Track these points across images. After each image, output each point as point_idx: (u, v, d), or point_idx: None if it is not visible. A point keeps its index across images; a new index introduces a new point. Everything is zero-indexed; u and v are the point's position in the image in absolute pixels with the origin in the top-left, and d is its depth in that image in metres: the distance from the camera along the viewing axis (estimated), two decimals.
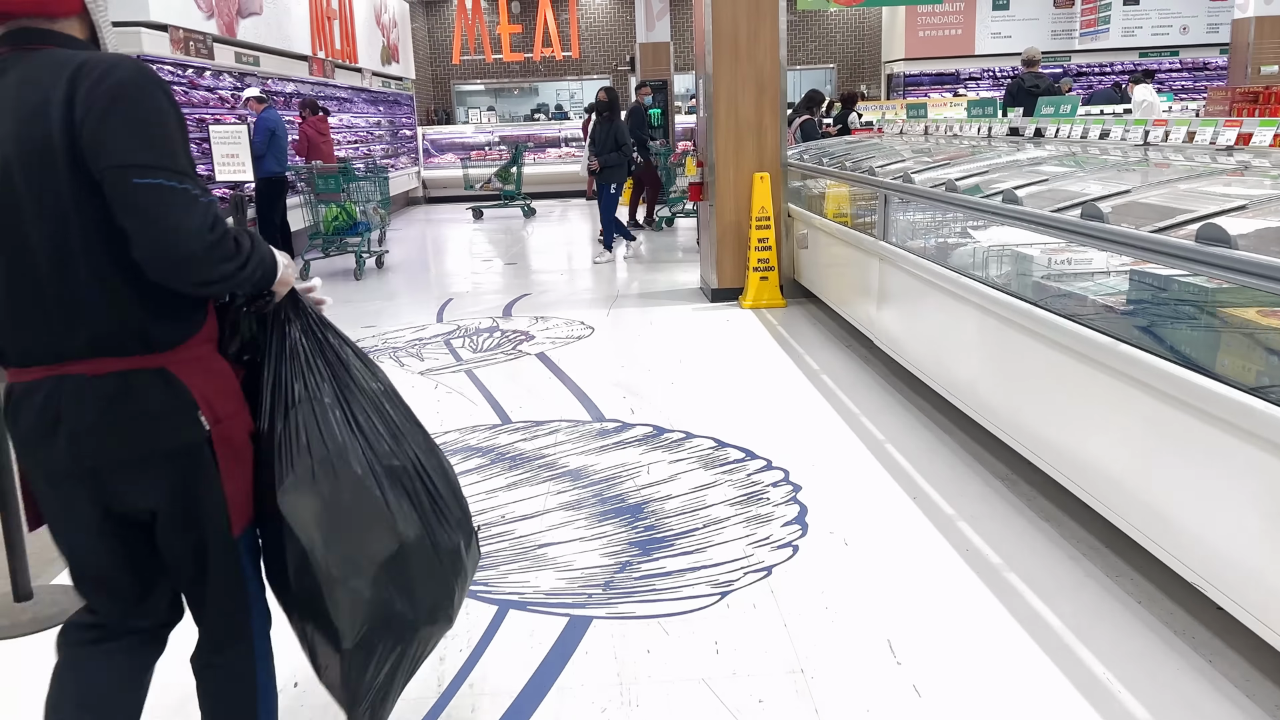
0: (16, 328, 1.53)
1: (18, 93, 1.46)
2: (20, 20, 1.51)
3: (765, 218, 6.77)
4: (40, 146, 1.44)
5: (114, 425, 1.53)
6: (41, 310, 1.51)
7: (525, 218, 14.16)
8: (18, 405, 1.56)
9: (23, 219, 1.48)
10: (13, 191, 1.47)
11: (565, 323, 6.60)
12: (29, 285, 1.51)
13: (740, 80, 6.80)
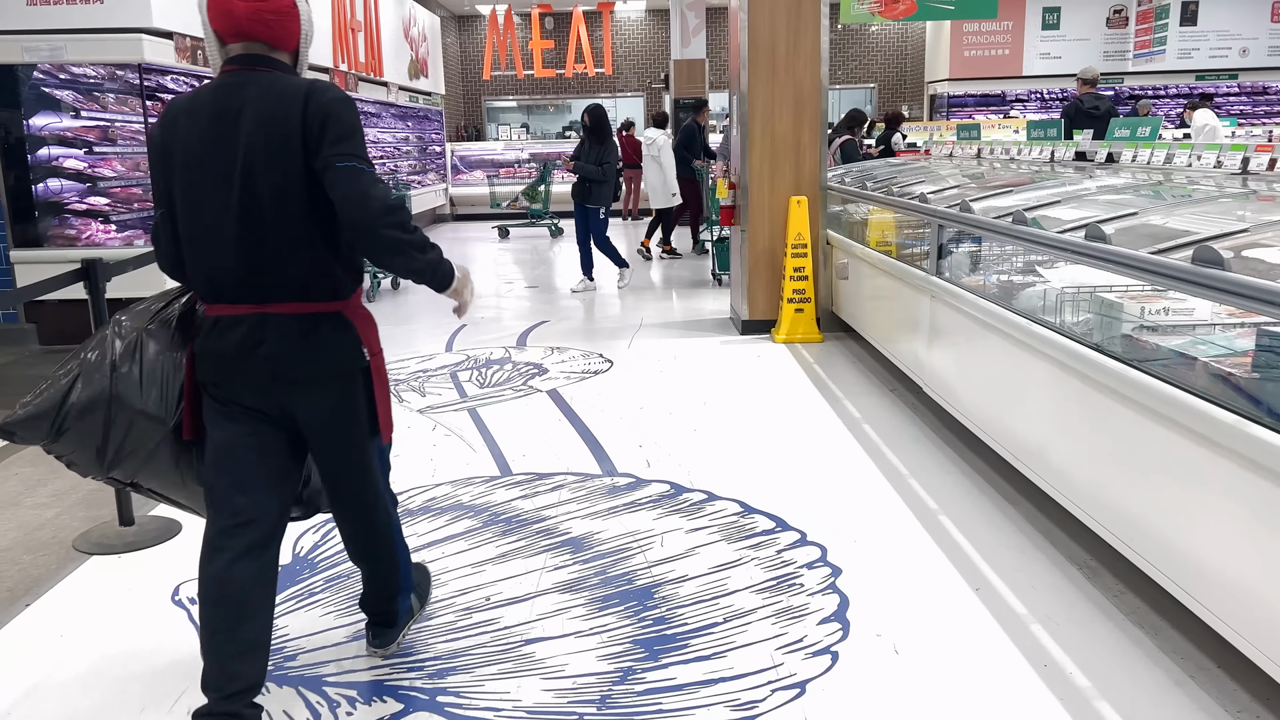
0: (235, 273, 2.03)
1: (262, 101, 2.01)
2: (255, 46, 2.07)
3: (802, 245, 6.25)
4: (281, 140, 1.99)
5: (304, 351, 2.07)
6: (259, 263, 2.03)
7: (552, 237, 13.74)
8: (222, 331, 2.07)
9: (259, 194, 2.00)
10: (253, 175, 2.00)
11: (583, 355, 6.11)
12: (253, 242, 2.02)
13: (777, 96, 6.30)
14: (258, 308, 2.06)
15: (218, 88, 2.06)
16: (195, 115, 2.04)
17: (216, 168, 2.01)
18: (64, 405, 2.10)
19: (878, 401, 4.90)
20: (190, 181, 2.04)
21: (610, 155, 8.40)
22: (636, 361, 5.91)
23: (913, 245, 5.23)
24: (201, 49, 7.25)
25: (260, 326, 2.05)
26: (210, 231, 2.04)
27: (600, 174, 8.35)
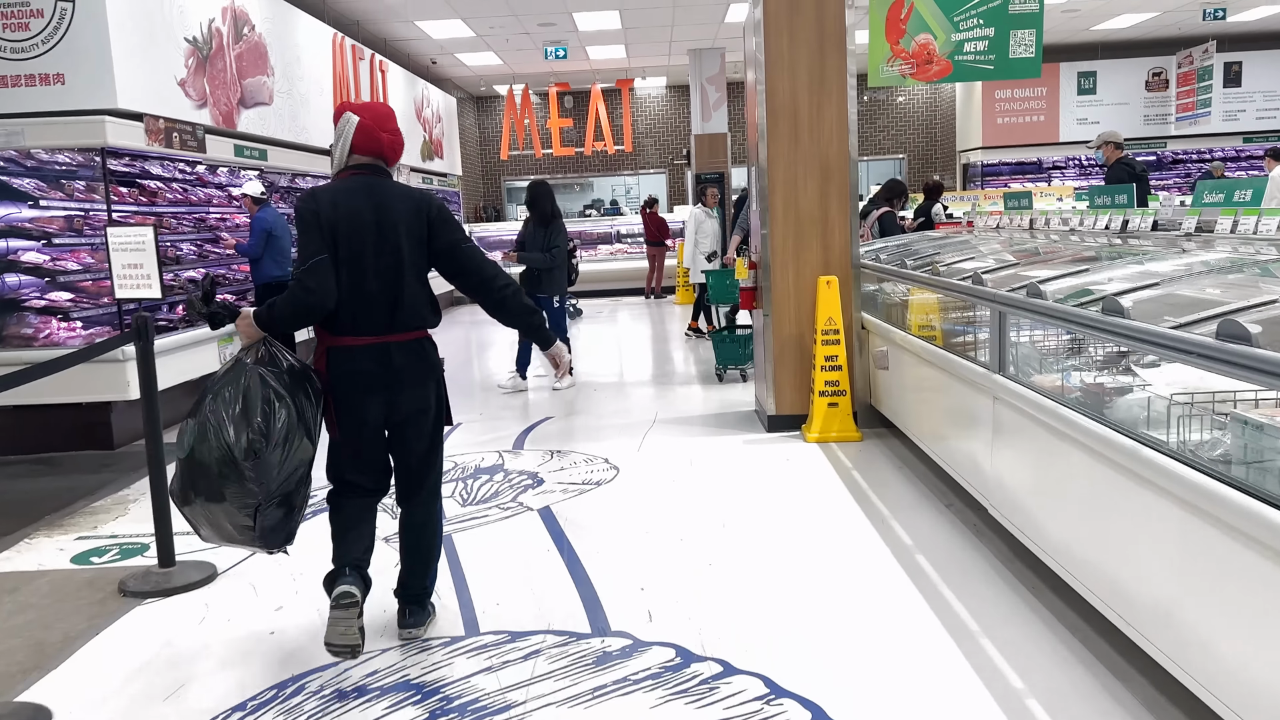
0: (362, 314, 2.90)
1: (402, 201, 2.96)
2: (379, 160, 3.02)
3: (833, 331, 5.50)
4: (419, 229, 2.96)
5: (417, 364, 3.01)
6: (381, 307, 2.92)
7: (570, 319, 13.10)
8: (355, 356, 2.92)
9: (404, 264, 2.94)
10: (398, 248, 2.93)
11: (586, 460, 5.35)
12: (380, 292, 2.91)
13: (801, 165, 5.63)
14: (379, 338, 2.93)
15: (366, 184, 2.95)
16: (353, 202, 2.90)
17: (376, 243, 2.90)
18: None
19: (931, 521, 4.07)
20: (354, 250, 2.88)
21: (558, 237, 7.39)
22: (647, 468, 5.14)
23: (963, 331, 4.47)
24: (179, 131, 6.77)
25: (386, 349, 2.94)
26: (361, 286, 2.89)
27: (549, 260, 7.35)
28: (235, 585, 3.77)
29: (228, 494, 2.77)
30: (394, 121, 3.07)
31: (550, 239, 7.34)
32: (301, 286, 2.81)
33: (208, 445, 2.75)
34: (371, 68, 11.49)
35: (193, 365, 6.84)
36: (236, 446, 2.73)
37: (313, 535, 3.76)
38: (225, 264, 8.15)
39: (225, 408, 2.77)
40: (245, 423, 2.75)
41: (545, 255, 7.32)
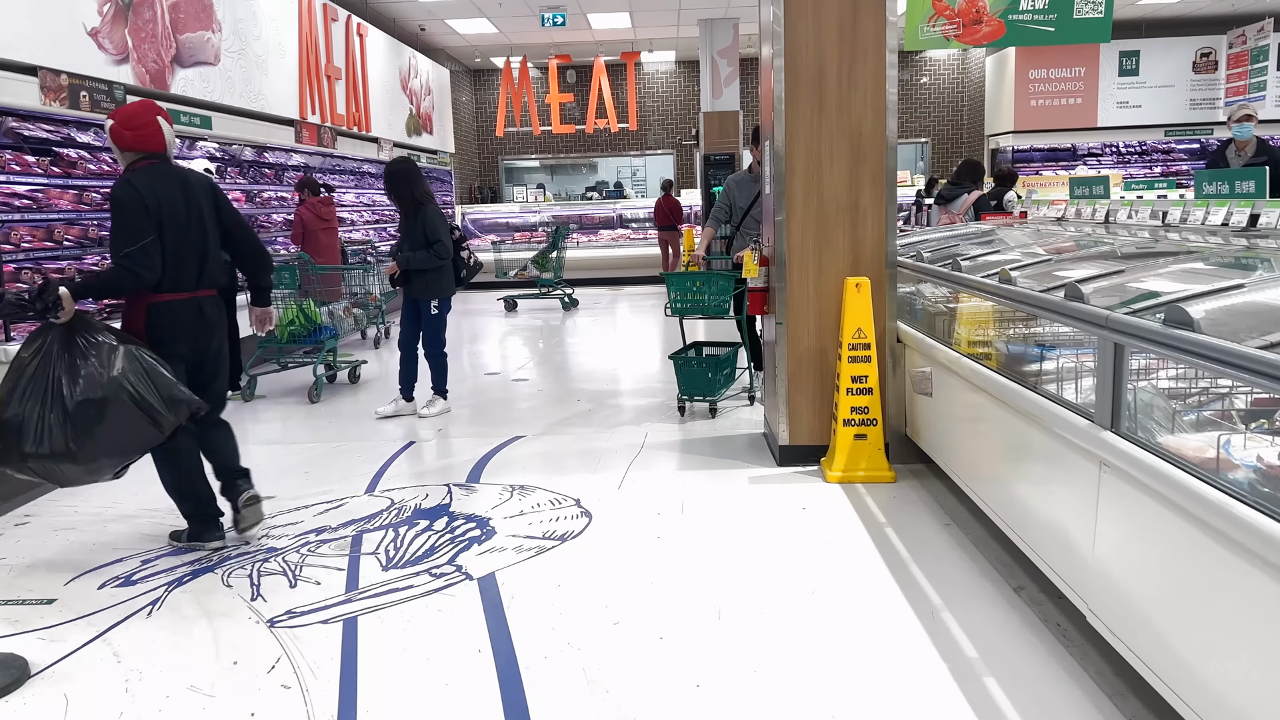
0: (180, 276, 3.64)
1: (191, 183, 3.73)
2: (159, 152, 3.71)
3: (863, 345, 4.44)
4: (206, 205, 3.74)
5: (218, 314, 3.83)
6: (193, 270, 3.68)
7: (564, 310, 12.08)
8: (174, 309, 3.66)
9: (200, 232, 3.69)
10: (203, 222, 3.70)
11: (552, 501, 4.31)
12: (193, 258, 3.68)
13: (827, 142, 4.56)
14: (194, 293, 3.72)
15: (164, 172, 3.68)
16: (167, 187, 3.64)
17: (187, 220, 3.67)
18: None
19: (1000, 619, 3.02)
20: (175, 227, 3.62)
21: (439, 228, 5.83)
22: (626, 515, 4.10)
23: (1040, 354, 3.41)
24: (90, 90, 5.72)
25: (199, 302, 3.75)
26: (180, 254, 3.64)
27: (433, 259, 5.83)
28: (48, 695, 2.75)
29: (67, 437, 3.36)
30: (142, 118, 3.67)
31: (430, 229, 5.82)
32: (135, 264, 3.51)
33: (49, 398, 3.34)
34: (348, 31, 10.41)
35: None
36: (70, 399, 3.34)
37: (153, 638, 2.73)
38: None
39: (53, 365, 3.37)
40: (70, 374, 3.36)
41: (428, 253, 5.82)
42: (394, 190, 5.94)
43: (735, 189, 6.23)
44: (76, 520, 4.27)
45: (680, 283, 5.82)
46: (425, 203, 5.92)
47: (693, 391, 5.86)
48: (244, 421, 6.22)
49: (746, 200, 6.15)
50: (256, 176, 8.94)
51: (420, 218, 5.86)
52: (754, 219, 6.07)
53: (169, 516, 4.25)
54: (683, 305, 5.82)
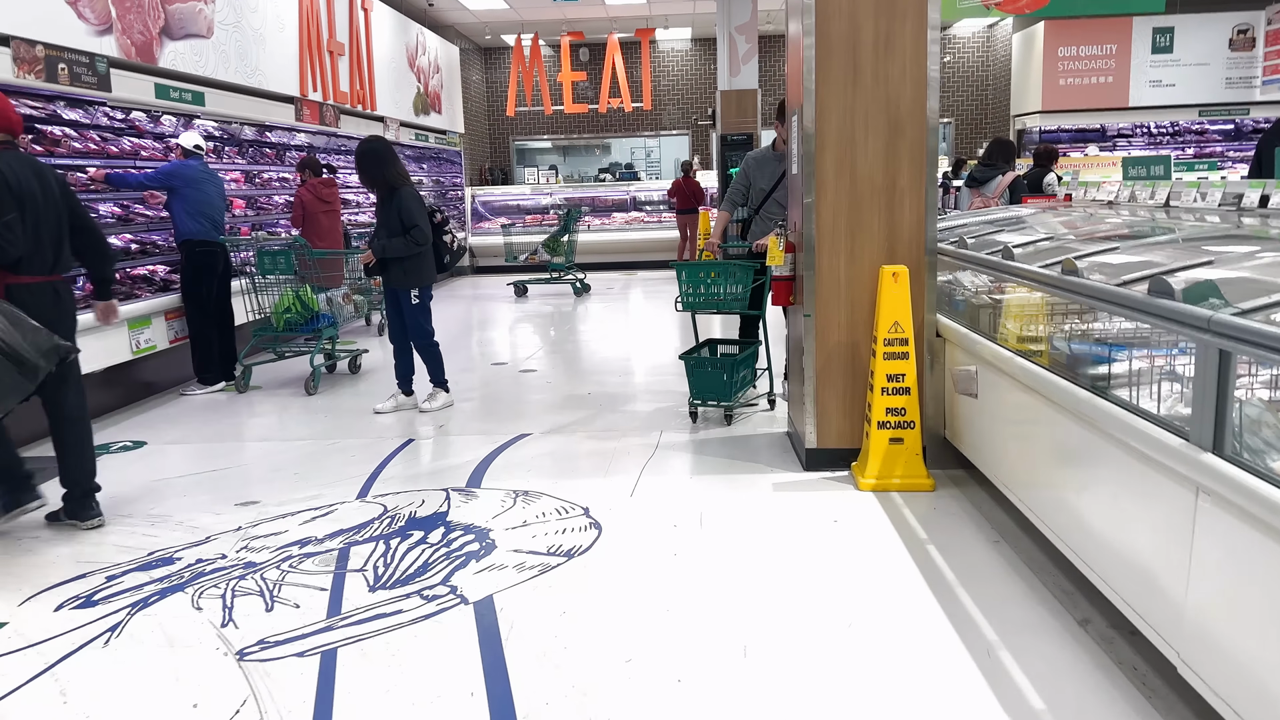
0: (37, 258, 3.70)
1: (42, 168, 3.78)
2: (9, 137, 3.78)
3: (900, 340, 4.05)
4: (58, 190, 3.81)
5: (70, 296, 3.91)
6: (49, 253, 3.74)
7: (576, 296, 11.70)
8: (31, 290, 3.71)
9: (55, 216, 3.77)
10: (57, 205, 3.77)
11: (559, 510, 3.95)
12: (49, 242, 3.74)
13: (861, 115, 4.15)
14: (49, 278, 3.78)
15: (17, 156, 3.75)
16: (23, 169, 3.69)
17: (44, 203, 3.72)
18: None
19: (1066, 658, 2.64)
20: (34, 208, 3.68)
21: (414, 212, 5.40)
22: (639, 526, 3.74)
23: (1104, 353, 3.02)
24: (70, 63, 5.36)
25: (53, 285, 3.81)
26: (38, 236, 3.68)
27: (411, 246, 5.43)
28: None
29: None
30: (3, 100, 3.77)
31: (406, 213, 5.40)
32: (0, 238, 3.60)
33: None
34: (351, 5, 10.01)
35: (86, 355, 5.48)
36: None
37: (107, 673, 2.39)
38: (160, 229, 6.76)
39: None
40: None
41: (405, 239, 5.40)
42: (365, 172, 5.47)
43: (755, 168, 5.55)
44: (43, 528, 3.93)
45: (693, 274, 5.19)
46: (400, 185, 5.46)
47: (706, 396, 5.24)
48: (237, 415, 5.89)
49: (768, 181, 5.47)
50: (256, 156, 8.59)
51: (395, 201, 5.42)
52: (777, 202, 5.44)
53: (142, 524, 3.92)
54: (695, 299, 5.21)
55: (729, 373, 5.18)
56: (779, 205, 5.41)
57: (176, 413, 5.97)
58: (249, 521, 3.92)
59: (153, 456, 4.99)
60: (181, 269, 6.43)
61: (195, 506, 4.14)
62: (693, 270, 5.21)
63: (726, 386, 5.18)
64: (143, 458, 4.97)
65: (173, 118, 7.23)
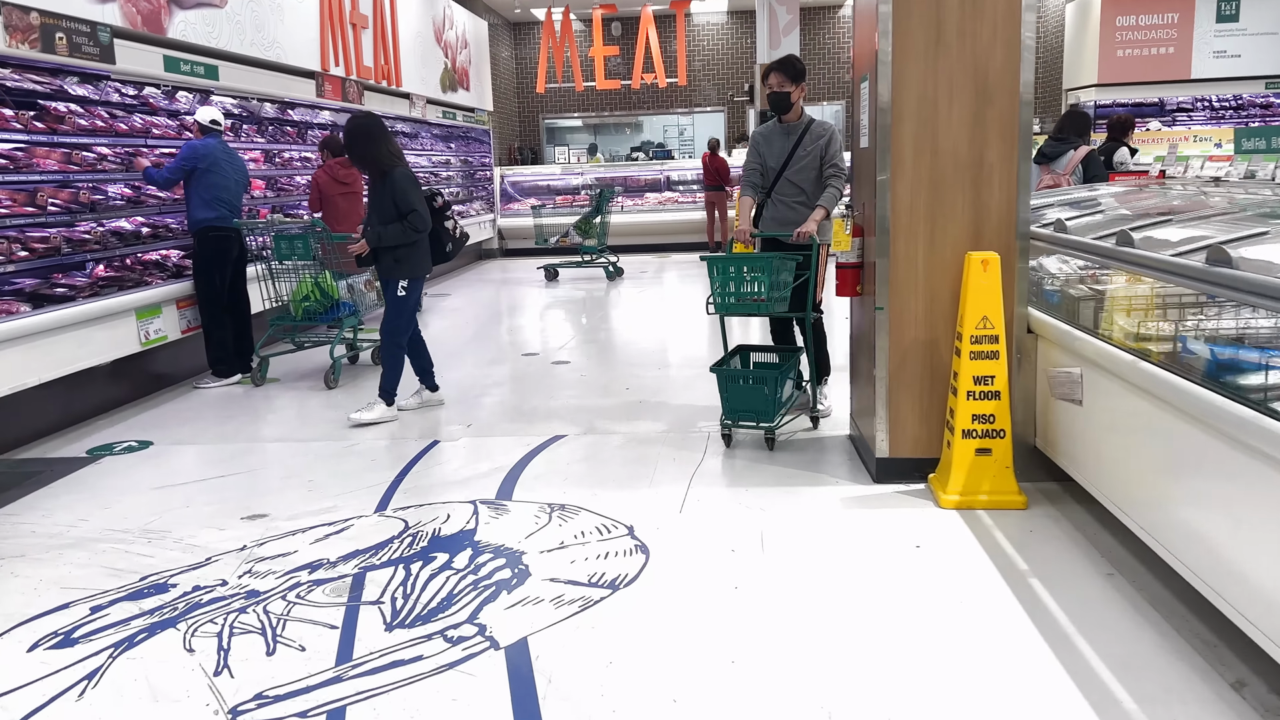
0: None
1: None
2: None
3: (990, 337, 3.55)
4: None
5: None
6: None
7: (609, 280, 11.24)
8: None
9: None
10: None
11: (600, 528, 3.51)
12: None
13: (944, 80, 3.64)
14: None
15: None
16: None
17: None
18: None
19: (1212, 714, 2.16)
20: None
21: (411, 196, 4.87)
22: (691, 549, 3.28)
23: (1257, 359, 2.51)
24: (64, 31, 4.96)
25: None
26: None
27: (408, 232, 4.90)
28: None
29: None
30: None
31: (399, 199, 4.86)
32: None
33: None
34: None
35: (90, 348, 5.12)
36: None
37: None
38: (173, 212, 6.37)
39: None
40: None
41: (401, 226, 4.89)
42: (354, 152, 4.93)
43: (763, 144, 4.76)
44: (30, 544, 3.55)
45: (724, 270, 4.31)
46: (393, 166, 4.91)
47: (743, 416, 4.38)
48: (251, 411, 5.49)
49: (778, 158, 4.69)
50: (277, 135, 8.18)
51: (388, 184, 4.88)
52: (790, 182, 4.65)
53: (138, 541, 3.52)
54: (729, 301, 4.34)
55: (773, 387, 4.29)
56: (793, 185, 4.65)
57: (187, 408, 5.59)
58: (255, 539, 3.51)
59: (157, 459, 4.61)
60: (194, 255, 6.04)
61: (198, 520, 3.74)
62: (724, 265, 4.32)
63: (770, 404, 4.29)
64: (146, 460, 4.59)
65: (188, 94, 6.83)
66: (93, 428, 5.18)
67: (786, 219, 4.67)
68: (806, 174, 4.63)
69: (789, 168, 4.67)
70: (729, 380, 4.39)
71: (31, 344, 4.70)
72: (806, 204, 4.63)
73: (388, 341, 5.10)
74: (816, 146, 4.60)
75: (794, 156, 4.66)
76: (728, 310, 4.39)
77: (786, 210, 4.69)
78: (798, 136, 4.65)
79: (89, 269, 5.74)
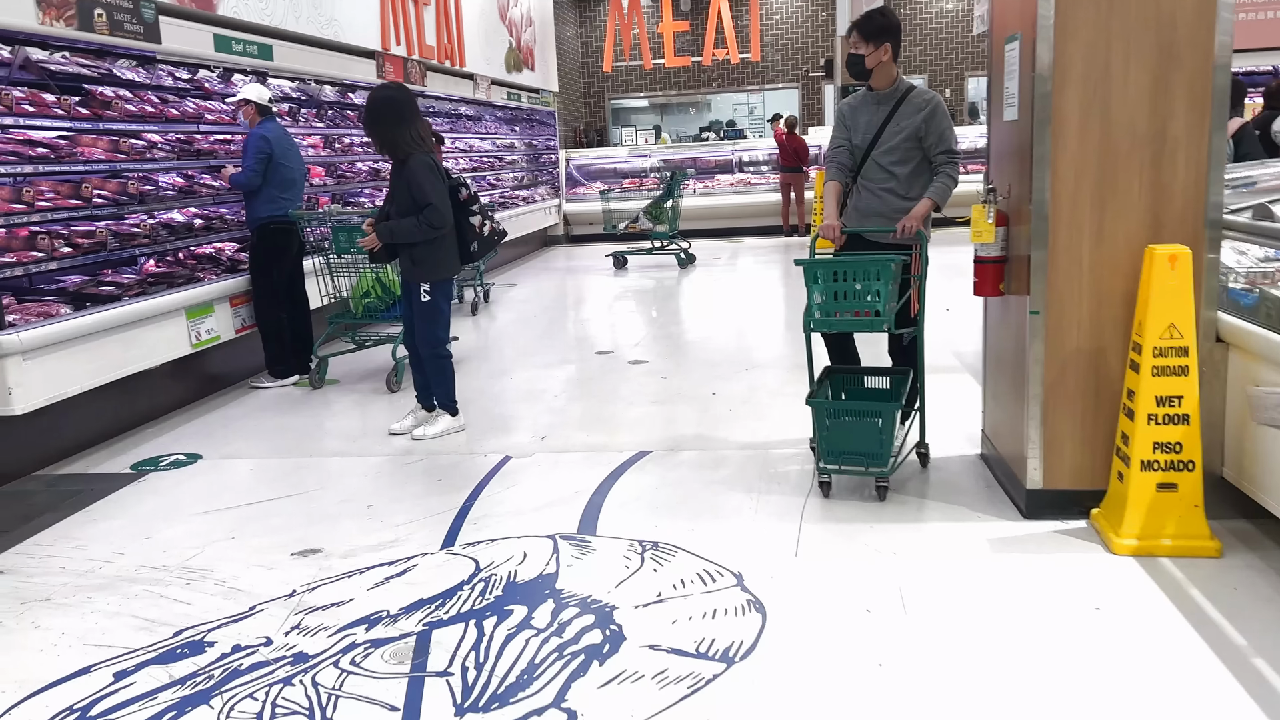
0: None
1: None
2: None
3: (1178, 349, 2.92)
4: None
5: None
6: None
7: (680, 268, 10.69)
8: None
9: None
10: None
11: (701, 576, 2.97)
12: None
13: (1119, 34, 3.01)
14: None
15: None
16: None
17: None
18: None
19: None
20: None
21: (426, 187, 4.22)
22: (816, 611, 2.73)
23: None
24: (104, 8, 4.56)
25: None
26: None
27: (425, 229, 4.26)
28: None
29: None
30: None
31: (415, 190, 4.24)
32: None
33: None
34: None
35: (136, 351, 4.75)
36: None
37: None
38: (227, 203, 5.99)
39: None
40: None
41: (415, 221, 4.25)
42: (374, 128, 4.28)
43: (849, 116, 3.96)
44: (57, 585, 3.15)
45: (827, 276, 3.39)
46: (413, 150, 4.27)
47: (848, 459, 3.50)
48: (309, 417, 5.08)
49: (864, 135, 3.88)
50: (337, 119, 7.78)
51: (412, 167, 4.24)
52: (877, 164, 3.85)
53: (175, 583, 3.10)
54: (830, 316, 3.42)
55: (889, 421, 3.44)
56: (880, 169, 3.86)
57: (241, 414, 5.20)
58: (305, 583, 3.06)
59: (206, 476, 4.21)
60: (252, 250, 5.65)
61: (244, 555, 3.30)
62: (828, 270, 3.41)
63: (883, 444, 3.43)
64: (193, 478, 4.19)
65: (243, 76, 6.45)
66: (140, 437, 4.82)
67: (871, 210, 3.88)
68: (898, 155, 3.80)
69: (876, 146, 3.86)
70: (830, 417, 3.53)
71: (73, 349, 4.33)
72: (896, 193, 3.82)
73: (428, 355, 4.53)
74: (913, 122, 3.77)
75: (884, 132, 3.84)
76: (832, 326, 3.55)
77: (871, 199, 3.90)
78: (890, 108, 3.82)
79: (139, 264, 5.39)
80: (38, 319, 4.27)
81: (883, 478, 3.50)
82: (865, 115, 3.90)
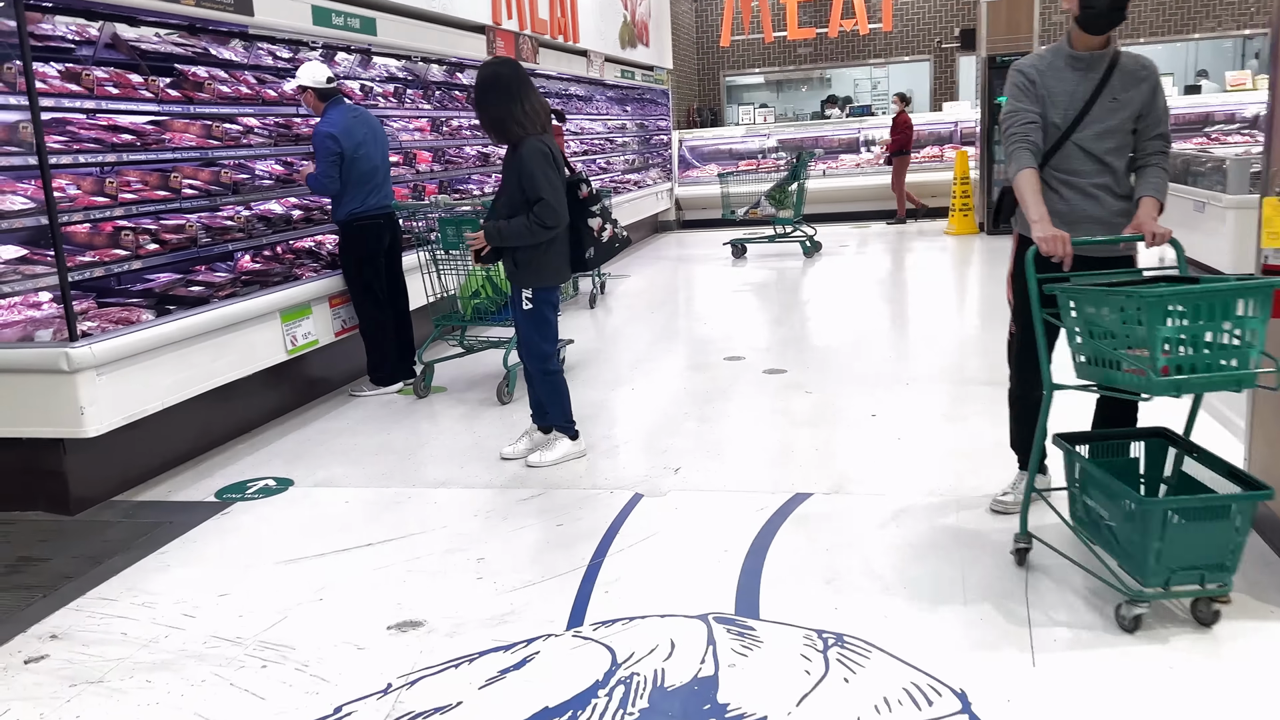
0: None
1: None
2: None
3: None
4: None
5: None
6: None
7: (806, 257, 9.88)
8: None
9: None
10: None
11: (910, 693, 2.25)
12: None
13: None
14: None
15: None
16: None
17: None
18: None
19: None
20: None
21: (539, 181, 3.58)
22: None
23: None
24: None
25: None
26: None
27: (536, 230, 3.63)
28: None
29: None
30: None
31: (526, 183, 3.60)
32: None
33: None
34: None
35: (225, 360, 4.27)
36: None
37: None
38: None
39: None
40: None
41: (526, 221, 3.63)
42: (483, 108, 3.68)
43: (1041, 83, 2.94)
44: (114, 661, 2.63)
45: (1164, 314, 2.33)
46: (525, 135, 3.65)
47: (1184, 576, 2.44)
48: (412, 433, 4.53)
49: (1065, 111, 2.91)
50: (444, 100, 7.25)
51: (523, 155, 3.61)
52: (1083, 150, 2.90)
53: (249, 664, 2.54)
54: (1189, 371, 2.36)
55: (1244, 517, 2.42)
56: (1089, 157, 2.91)
57: (339, 428, 4.70)
58: (403, 674, 2.46)
59: (295, 509, 3.69)
60: (340, 250, 5.14)
61: (332, 625, 2.74)
62: (1164, 304, 2.32)
63: (1236, 549, 2.44)
64: (282, 510, 3.67)
65: (348, 55, 5.95)
66: (230, 455, 4.35)
67: (1083, 215, 2.92)
68: (1116, 140, 2.89)
69: (1082, 126, 2.90)
70: (1174, 517, 2.42)
71: (154, 360, 3.87)
72: (1114, 192, 2.92)
73: (536, 370, 3.91)
74: (1136, 95, 2.88)
75: (1093, 108, 2.88)
76: (1186, 389, 2.38)
77: (1082, 200, 2.93)
78: (1100, 75, 2.89)
79: (234, 260, 4.94)
80: (115, 327, 3.81)
81: (1218, 603, 2.48)
82: (1065, 83, 2.92)
